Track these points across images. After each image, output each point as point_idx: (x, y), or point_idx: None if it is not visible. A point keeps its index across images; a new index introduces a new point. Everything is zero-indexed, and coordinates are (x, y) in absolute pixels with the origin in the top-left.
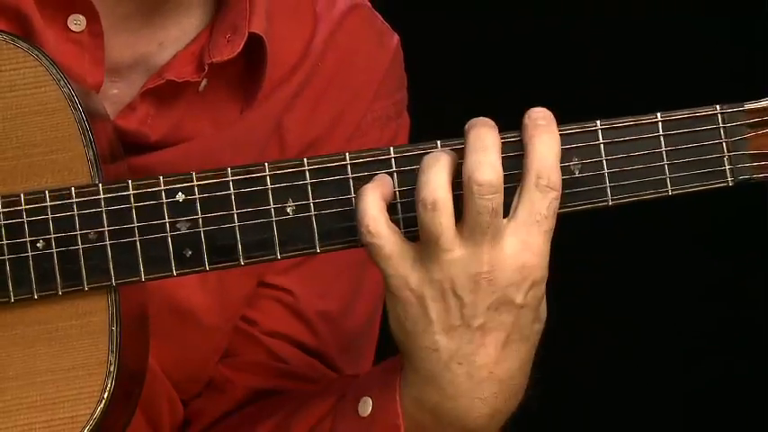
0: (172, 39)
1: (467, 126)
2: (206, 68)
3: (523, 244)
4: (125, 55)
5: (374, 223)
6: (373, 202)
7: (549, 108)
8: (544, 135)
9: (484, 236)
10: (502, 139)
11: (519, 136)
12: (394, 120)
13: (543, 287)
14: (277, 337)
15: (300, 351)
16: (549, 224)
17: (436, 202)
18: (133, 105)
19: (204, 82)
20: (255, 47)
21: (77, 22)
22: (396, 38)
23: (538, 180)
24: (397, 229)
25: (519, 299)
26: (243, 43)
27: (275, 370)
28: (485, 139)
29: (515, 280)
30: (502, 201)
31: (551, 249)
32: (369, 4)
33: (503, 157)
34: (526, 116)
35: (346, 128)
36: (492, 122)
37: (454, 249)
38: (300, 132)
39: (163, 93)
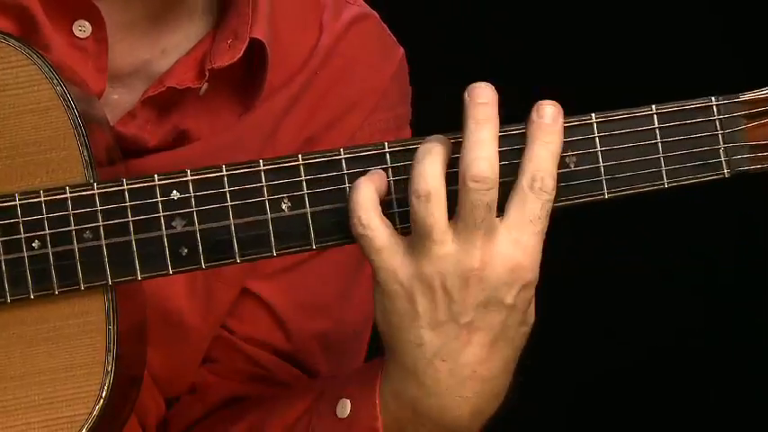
0: (174, 45)
1: (466, 101)
2: (206, 74)
3: (516, 243)
4: (126, 61)
5: (366, 215)
6: (366, 195)
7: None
8: (547, 136)
9: (477, 231)
10: (504, 131)
11: (523, 128)
12: (393, 133)
13: (533, 290)
14: (256, 345)
15: (279, 359)
16: (542, 225)
17: (429, 194)
18: (133, 113)
19: (205, 86)
20: (257, 52)
21: (82, 29)
22: (401, 51)
23: (532, 183)
24: (388, 222)
25: (509, 299)
26: (244, 48)
27: (255, 376)
28: (483, 132)
29: (506, 279)
30: (497, 197)
31: (548, 247)
32: (377, 16)
33: (504, 151)
34: (534, 111)
35: (340, 134)
36: (493, 102)
37: (446, 243)
38: (294, 136)
39: (163, 99)
